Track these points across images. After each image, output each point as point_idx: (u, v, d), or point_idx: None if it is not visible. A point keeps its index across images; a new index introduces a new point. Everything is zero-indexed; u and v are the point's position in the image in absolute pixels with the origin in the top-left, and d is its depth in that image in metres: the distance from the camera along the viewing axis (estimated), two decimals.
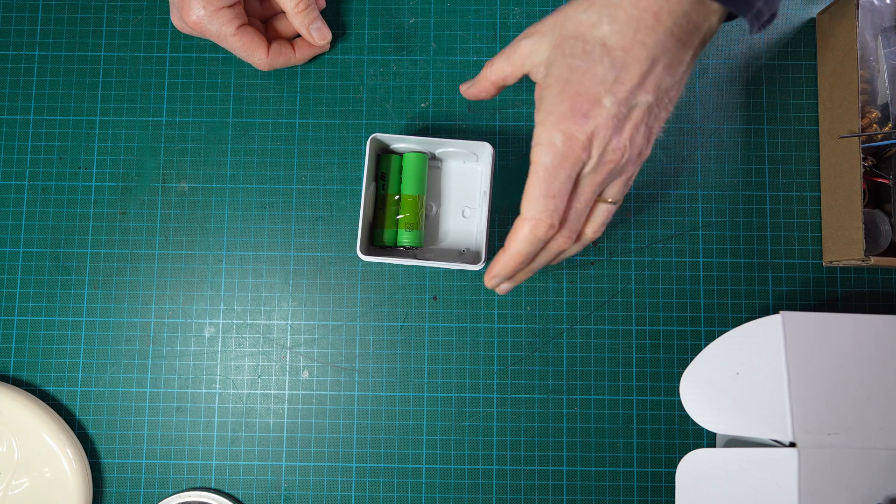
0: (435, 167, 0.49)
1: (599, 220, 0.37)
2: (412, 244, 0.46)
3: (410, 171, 0.46)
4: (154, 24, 0.51)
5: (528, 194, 0.33)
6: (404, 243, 0.46)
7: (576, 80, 0.32)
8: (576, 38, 0.33)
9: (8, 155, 0.50)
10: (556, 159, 0.32)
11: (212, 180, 0.50)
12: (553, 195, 0.33)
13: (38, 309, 0.49)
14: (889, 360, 0.43)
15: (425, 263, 0.44)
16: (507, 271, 0.36)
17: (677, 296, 0.49)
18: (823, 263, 0.49)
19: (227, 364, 0.49)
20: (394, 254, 0.47)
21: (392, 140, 0.46)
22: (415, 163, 0.46)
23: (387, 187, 0.47)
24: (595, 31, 0.32)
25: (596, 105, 0.32)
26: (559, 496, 0.48)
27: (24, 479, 0.46)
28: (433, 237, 0.49)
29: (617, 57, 0.32)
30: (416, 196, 0.46)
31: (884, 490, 0.42)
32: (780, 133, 0.51)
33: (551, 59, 0.33)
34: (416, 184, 0.46)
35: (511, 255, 0.35)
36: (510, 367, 0.49)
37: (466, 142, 0.45)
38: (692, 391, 0.44)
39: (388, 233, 0.46)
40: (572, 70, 0.32)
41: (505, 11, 0.51)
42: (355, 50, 0.51)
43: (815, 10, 0.52)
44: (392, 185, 0.47)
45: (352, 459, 0.48)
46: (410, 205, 0.46)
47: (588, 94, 0.32)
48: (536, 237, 0.34)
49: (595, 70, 0.32)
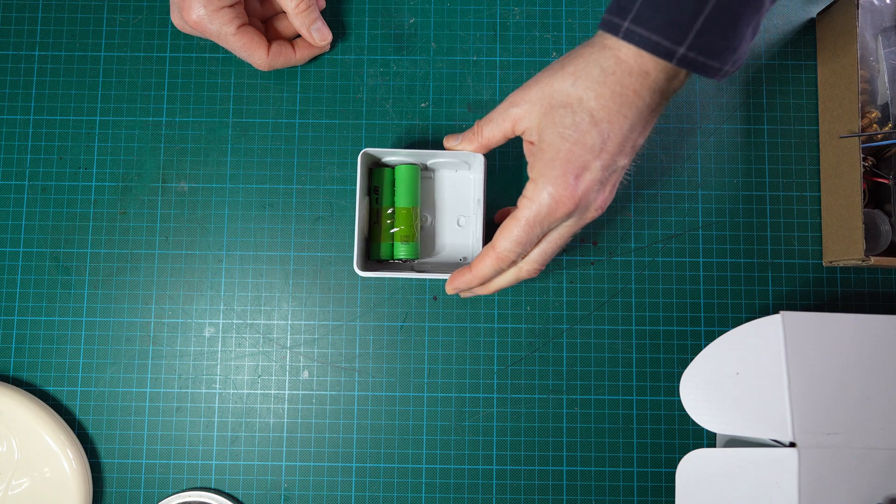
0: (427, 178, 0.49)
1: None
2: (408, 256, 0.46)
3: (403, 183, 0.46)
4: (154, 24, 0.51)
5: (505, 233, 0.38)
6: (401, 256, 0.46)
7: (566, 149, 0.36)
8: (565, 108, 0.37)
9: (8, 155, 0.50)
10: (539, 216, 0.37)
11: (212, 180, 0.50)
12: (524, 242, 0.38)
13: (38, 309, 0.49)
14: (889, 360, 0.43)
15: (423, 276, 0.44)
16: (466, 286, 0.42)
17: (677, 296, 0.49)
18: (823, 263, 0.49)
19: (227, 364, 0.49)
20: (391, 267, 0.47)
21: (383, 154, 0.46)
22: (407, 175, 0.46)
23: (380, 201, 0.46)
24: (583, 104, 0.36)
25: (585, 171, 0.36)
26: (559, 496, 0.48)
27: (24, 479, 0.46)
28: (429, 248, 0.48)
29: (603, 128, 0.36)
30: (409, 208, 0.46)
31: (884, 490, 0.42)
32: (780, 133, 0.51)
33: (542, 126, 0.37)
34: (410, 196, 0.46)
35: (475, 276, 0.41)
36: (510, 367, 0.49)
37: (458, 152, 0.45)
38: (692, 391, 0.44)
39: (385, 246, 0.46)
40: (563, 138, 0.36)
41: (505, 11, 0.51)
42: (355, 50, 0.51)
43: (815, 10, 0.52)
44: (385, 198, 0.46)
45: (352, 459, 0.48)
46: (405, 217, 0.46)
47: (578, 161, 0.36)
48: (500, 267, 0.40)
49: (584, 140, 0.36)
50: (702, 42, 0.34)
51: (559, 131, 0.36)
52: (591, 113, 0.36)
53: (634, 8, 0.34)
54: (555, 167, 0.36)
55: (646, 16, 0.34)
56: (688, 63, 0.34)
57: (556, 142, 0.36)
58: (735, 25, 0.34)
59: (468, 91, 0.51)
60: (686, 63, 0.34)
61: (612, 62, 0.35)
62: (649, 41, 0.34)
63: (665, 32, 0.34)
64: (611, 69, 0.35)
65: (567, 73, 0.37)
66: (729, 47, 0.34)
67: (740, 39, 0.34)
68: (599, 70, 0.36)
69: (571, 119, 0.36)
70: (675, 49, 0.34)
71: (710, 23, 0.33)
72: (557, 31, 0.51)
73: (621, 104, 0.36)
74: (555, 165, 0.36)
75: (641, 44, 0.34)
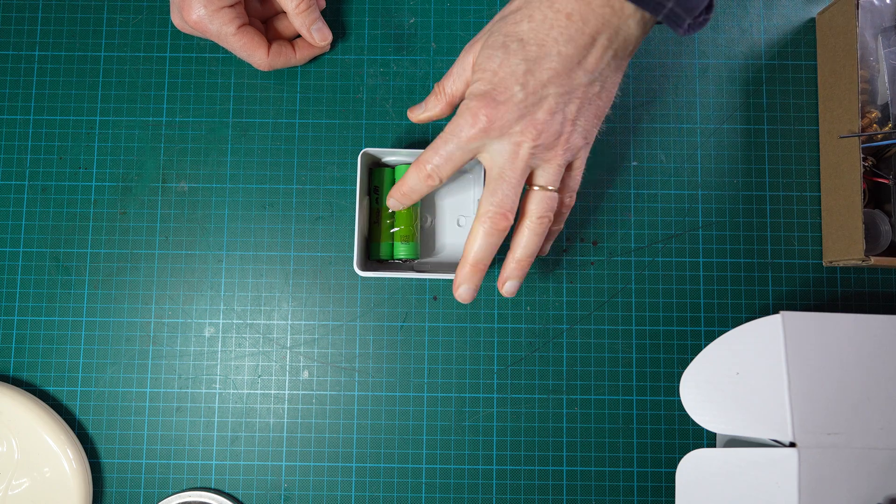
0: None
1: (538, 207, 0.40)
2: (408, 256, 0.46)
3: None
4: (154, 24, 0.51)
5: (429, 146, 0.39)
6: (401, 256, 0.46)
7: (490, 68, 0.36)
8: (499, 32, 0.37)
9: (8, 155, 0.50)
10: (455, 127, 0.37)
11: (212, 180, 0.50)
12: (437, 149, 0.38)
13: (38, 309, 0.49)
14: (889, 360, 0.43)
15: (423, 276, 0.44)
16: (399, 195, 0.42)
17: (677, 296, 0.49)
18: (823, 263, 0.49)
19: (227, 364, 0.49)
20: (391, 267, 0.47)
21: (383, 154, 0.46)
22: None
23: (380, 201, 0.47)
24: (517, 27, 0.36)
25: (505, 90, 0.36)
26: (559, 496, 0.48)
27: (24, 479, 0.46)
28: (429, 248, 0.48)
29: (530, 51, 0.36)
30: (409, 208, 0.46)
31: (884, 490, 0.42)
32: (780, 133, 0.51)
33: (480, 52, 0.38)
34: None
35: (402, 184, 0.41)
36: (510, 367, 0.49)
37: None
38: (692, 391, 0.44)
39: (385, 246, 0.46)
40: (489, 59, 0.36)
41: None
42: (355, 50, 0.51)
43: (815, 10, 0.52)
44: (385, 198, 0.47)
45: (352, 459, 0.48)
46: (405, 217, 0.46)
47: (497, 80, 0.36)
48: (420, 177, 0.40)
49: (509, 61, 0.36)
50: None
51: (487, 52, 0.37)
52: (520, 36, 0.36)
53: None
54: (477, 87, 0.37)
55: None
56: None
57: (482, 62, 0.37)
58: None
59: None
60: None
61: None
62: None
63: None
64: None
65: (514, 5, 0.37)
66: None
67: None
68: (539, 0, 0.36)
69: (502, 41, 0.36)
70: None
71: None
72: None
73: (552, 27, 0.35)
74: (478, 86, 0.37)
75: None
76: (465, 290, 0.41)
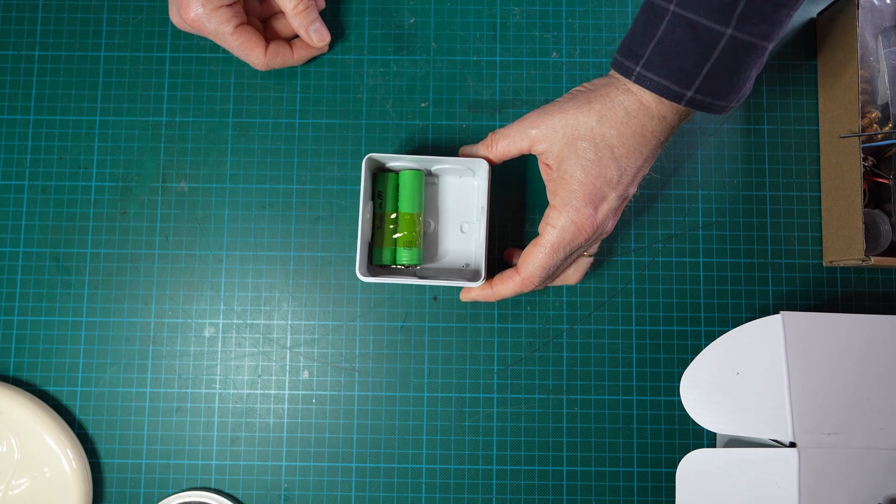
0: (431, 183, 0.49)
1: (581, 270, 0.45)
2: (411, 262, 0.46)
3: (407, 188, 0.46)
4: (154, 24, 0.51)
5: (531, 259, 0.41)
6: (403, 262, 0.46)
7: (588, 181, 0.40)
8: (588, 142, 0.39)
9: (8, 155, 0.50)
10: (562, 242, 0.40)
11: (212, 180, 0.50)
12: (548, 267, 0.41)
13: (38, 309, 0.49)
14: (889, 360, 0.43)
15: (425, 282, 0.44)
16: (483, 300, 0.45)
17: (677, 296, 0.49)
18: (823, 263, 0.49)
19: (227, 364, 0.49)
20: (393, 273, 0.47)
21: (387, 159, 0.45)
22: (411, 180, 0.46)
23: (384, 206, 0.46)
24: (606, 141, 0.39)
25: (603, 201, 0.40)
26: (559, 496, 0.48)
27: (24, 479, 0.46)
28: (432, 254, 0.48)
29: (622, 164, 0.40)
30: (413, 214, 0.46)
31: (884, 490, 0.42)
32: (780, 133, 0.51)
33: (564, 155, 0.40)
34: (413, 201, 0.46)
35: (495, 294, 0.44)
36: (510, 367, 0.49)
37: (462, 158, 0.45)
38: (692, 391, 0.44)
39: (387, 252, 0.46)
40: (585, 171, 0.40)
41: (505, 11, 0.51)
42: (355, 50, 0.51)
43: (815, 10, 0.52)
44: (389, 203, 0.46)
45: (352, 459, 0.48)
46: (408, 223, 0.46)
47: (598, 192, 0.40)
48: (523, 291, 0.43)
49: (605, 173, 0.39)
50: (708, 87, 0.37)
51: (582, 164, 0.40)
52: (612, 149, 0.39)
53: (645, 54, 0.37)
54: (577, 197, 0.40)
55: (656, 62, 0.37)
56: (696, 104, 0.37)
57: (577, 173, 0.40)
58: (738, 71, 0.37)
59: (468, 91, 0.51)
60: (694, 104, 0.37)
61: (636, 106, 0.39)
62: (660, 85, 0.37)
63: (674, 78, 0.37)
64: (634, 112, 0.39)
65: (594, 110, 0.39)
66: (733, 89, 0.37)
67: (744, 81, 0.37)
68: (623, 112, 0.39)
69: (594, 154, 0.39)
70: (683, 93, 0.37)
71: (715, 69, 0.36)
72: (557, 31, 0.51)
73: (639, 143, 0.39)
74: (577, 196, 0.40)
75: (652, 87, 0.37)
76: (473, 301, 0.46)
